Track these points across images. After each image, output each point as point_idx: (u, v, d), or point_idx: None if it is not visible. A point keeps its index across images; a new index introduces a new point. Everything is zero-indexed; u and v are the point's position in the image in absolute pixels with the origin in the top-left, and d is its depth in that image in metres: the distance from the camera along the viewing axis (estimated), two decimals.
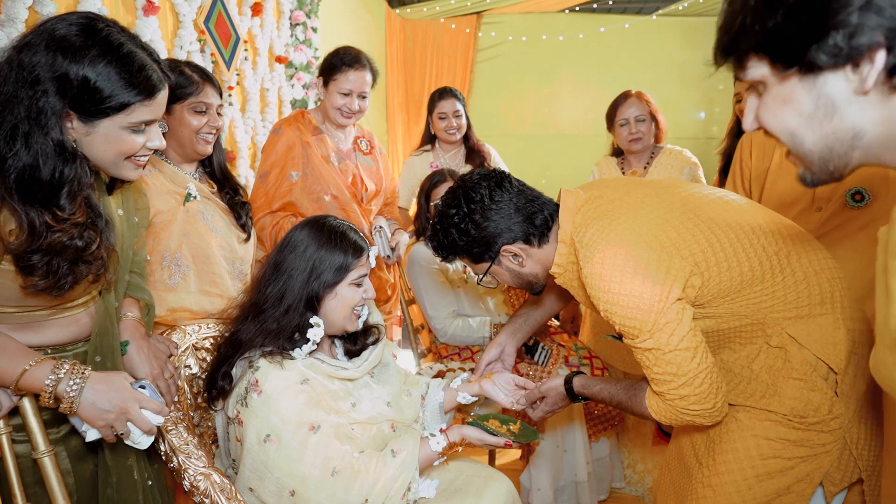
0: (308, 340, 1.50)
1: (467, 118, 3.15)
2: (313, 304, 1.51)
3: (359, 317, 1.59)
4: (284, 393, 1.41)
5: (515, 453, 2.86)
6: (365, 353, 1.64)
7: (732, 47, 0.78)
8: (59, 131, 1.08)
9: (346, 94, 2.34)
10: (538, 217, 1.46)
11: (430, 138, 3.24)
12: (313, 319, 1.51)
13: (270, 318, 1.49)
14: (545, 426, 2.35)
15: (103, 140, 1.14)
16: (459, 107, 3.09)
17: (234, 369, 1.49)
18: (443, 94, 3.14)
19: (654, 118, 2.71)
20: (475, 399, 1.74)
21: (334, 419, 1.45)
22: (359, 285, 1.56)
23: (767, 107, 0.80)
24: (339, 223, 1.58)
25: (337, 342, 1.67)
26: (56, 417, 1.26)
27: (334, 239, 1.54)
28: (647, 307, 1.26)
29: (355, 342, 1.67)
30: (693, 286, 1.29)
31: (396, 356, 1.77)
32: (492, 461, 2.47)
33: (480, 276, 1.56)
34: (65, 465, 1.31)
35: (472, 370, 2.54)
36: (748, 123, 0.86)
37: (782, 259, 1.35)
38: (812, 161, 0.80)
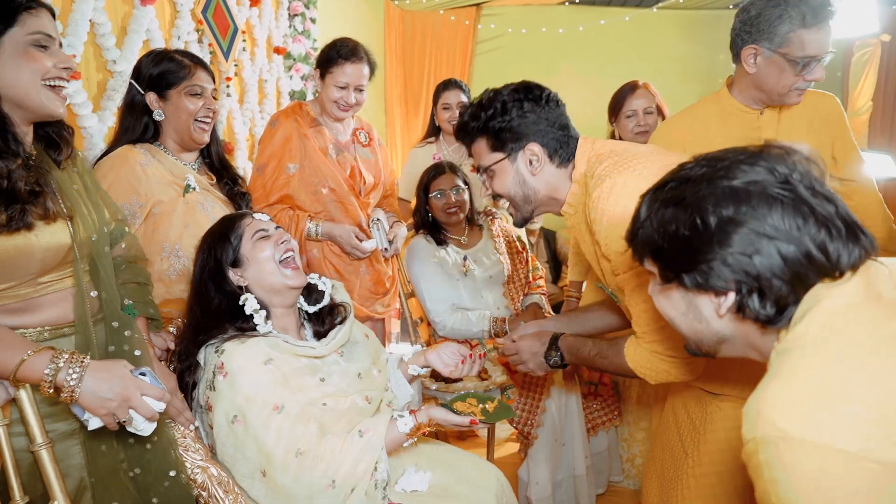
0: (255, 326, 1.52)
1: None
2: (225, 280, 1.53)
3: (296, 269, 1.58)
4: (248, 373, 1.42)
5: (514, 446, 2.86)
6: (332, 333, 1.64)
7: (635, 248, 0.98)
8: None
9: (342, 88, 2.32)
10: (572, 143, 1.47)
11: (434, 130, 3.22)
12: (242, 299, 1.52)
13: (197, 307, 1.55)
14: (540, 418, 2.35)
15: (12, 59, 1.18)
16: (464, 98, 3.07)
17: (200, 356, 1.50)
18: (447, 85, 3.12)
19: (660, 111, 2.69)
20: (425, 370, 1.77)
21: (301, 398, 1.45)
22: (264, 238, 1.56)
23: (658, 296, 1.00)
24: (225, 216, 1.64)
25: (306, 324, 1.67)
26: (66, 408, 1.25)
27: (213, 231, 1.59)
28: None
29: (323, 322, 1.67)
30: None
31: (368, 336, 1.76)
32: (490, 454, 2.47)
33: (483, 168, 1.52)
34: (77, 460, 1.31)
35: (428, 343, 2.55)
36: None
37: None
38: (689, 341, 1.01)
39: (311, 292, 1.68)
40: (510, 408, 1.55)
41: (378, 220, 2.49)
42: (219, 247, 1.54)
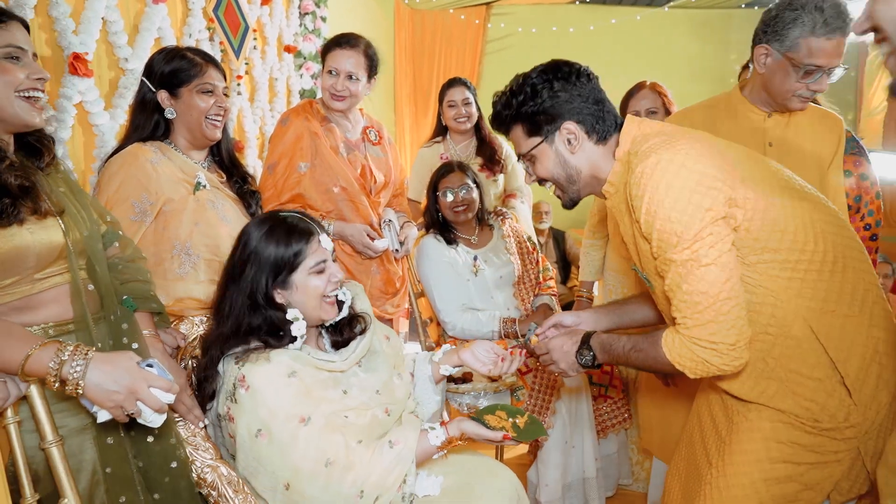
0: (295, 338, 1.49)
1: (478, 108, 3.12)
2: (271, 302, 1.48)
3: (334, 304, 1.55)
4: (271, 386, 1.40)
5: (524, 448, 2.85)
6: (353, 344, 1.61)
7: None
8: None
9: (334, 75, 2.30)
10: (609, 118, 1.44)
11: (441, 129, 3.21)
12: (290, 314, 1.49)
13: (229, 319, 1.48)
14: (550, 419, 2.33)
15: None
16: (468, 95, 3.06)
17: (219, 366, 1.48)
18: (452, 82, 3.11)
19: (667, 111, 2.66)
20: (457, 370, 1.74)
21: (326, 409, 1.43)
22: (320, 272, 1.51)
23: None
24: (288, 214, 1.54)
25: (324, 333, 1.64)
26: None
27: (276, 230, 1.49)
28: (692, 213, 1.21)
29: (341, 333, 1.64)
30: (734, 217, 1.25)
31: (389, 337, 1.74)
32: (500, 456, 2.46)
33: (523, 154, 1.49)
34: (90, 454, 1.31)
35: (455, 341, 2.53)
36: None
37: (828, 247, 1.29)
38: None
39: None
40: (541, 425, 1.51)
41: (390, 220, 2.48)
42: (274, 268, 1.48)
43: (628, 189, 1.31)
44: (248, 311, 1.47)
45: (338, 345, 1.63)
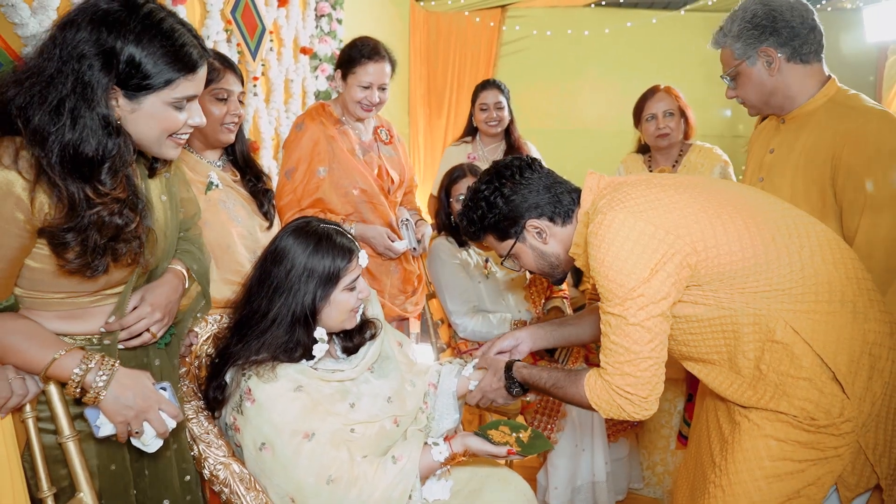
0: (312, 357, 1.48)
1: (510, 112, 3.10)
2: (306, 320, 1.46)
3: (356, 312, 1.56)
4: (277, 402, 1.39)
5: None
6: (362, 350, 1.61)
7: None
8: (106, 106, 1.09)
9: (366, 88, 2.29)
10: (565, 197, 1.52)
11: (471, 130, 3.20)
12: (318, 334, 1.49)
13: (256, 333, 1.46)
14: (555, 436, 2.33)
15: (148, 117, 1.15)
16: (502, 99, 3.04)
17: (227, 376, 1.47)
18: (486, 84, 3.09)
19: (683, 114, 2.65)
20: None
21: (331, 425, 1.42)
22: (352, 289, 1.52)
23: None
24: (325, 227, 1.53)
25: (335, 339, 1.64)
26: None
27: (321, 246, 1.48)
28: (628, 273, 1.28)
29: (352, 339, 1.64)
30: (689, 265, 1.30)
31: (402, 344, 1.74)
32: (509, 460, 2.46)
33: (504, 255, 1.59)
34: (95, 462, 1.31)
35: (466, 343, 2.53)
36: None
37: (792, 251, 1.33)
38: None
39: None
40: (545, 439, 1.52)
41: (406, 220, 2.48)
42: (315, 285, 1.47)
43: (587, 241, 1.38)
44: (288, 325, 1.45)
45: (348, 350, 1.63)
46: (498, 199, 1.51)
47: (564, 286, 2.78)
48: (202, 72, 1.19)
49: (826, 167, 1.64)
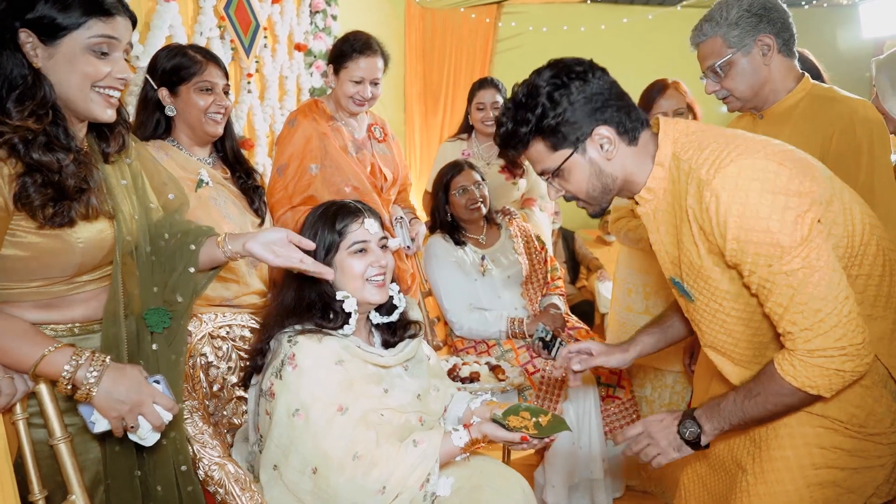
0: (349, 315, 1.52)
1: None
2: (319, 285, 1.52)
3: (382, 286, 1.57)
4: (318, 370, 1.43)
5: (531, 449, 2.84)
6: (401, 345, 1.64)
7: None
8: (15, 46, 1.13)
9: (358, 82, 2.28)
10: (634, 113, 1.29)
11: (467, 127, 3.18)
12: (340, 294, 1.52)
13: (288, 297, 1.55)
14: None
15: (66, 61, 1.16)
16: (499, 98, 3.02)
17: (271, 342, 1.52)
18: (483, 83, 3.07)
19: (691, 110, 2.62)
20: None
21: (364, 403, 1.45)
22: (361, 251, 1.54)
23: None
24: (342, 200, 1.61)
25: (375, 332, 1.66)
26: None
27: (330, 208, 1.57)
28: (793, 218, 1.11)
29: (394, 333, 1.67)
30: (823, 217, 1.16)
31: (430, 357, 1.75)
32: (507, 457, 2.45)
33: (552, 171, 1.32)
34: (94, 454, 1.31)
35: (462, 341, 2.51)
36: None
37: (878, 252, 1.24)
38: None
39: (383, 304, 1.64)
40: (564, 422, 1.50)
41: (400, 218, 2.47)
42: (325, 248, 1.53)
43: (704, 203, 1.18)
44: (308, 285, 1.52)
45: (387, 345, 1.65)
46: (563, 96, 1.24)
47: (561, 283, 2.78)
48: (121, 20, 1.20)
49: (815, 157, 1.62)
